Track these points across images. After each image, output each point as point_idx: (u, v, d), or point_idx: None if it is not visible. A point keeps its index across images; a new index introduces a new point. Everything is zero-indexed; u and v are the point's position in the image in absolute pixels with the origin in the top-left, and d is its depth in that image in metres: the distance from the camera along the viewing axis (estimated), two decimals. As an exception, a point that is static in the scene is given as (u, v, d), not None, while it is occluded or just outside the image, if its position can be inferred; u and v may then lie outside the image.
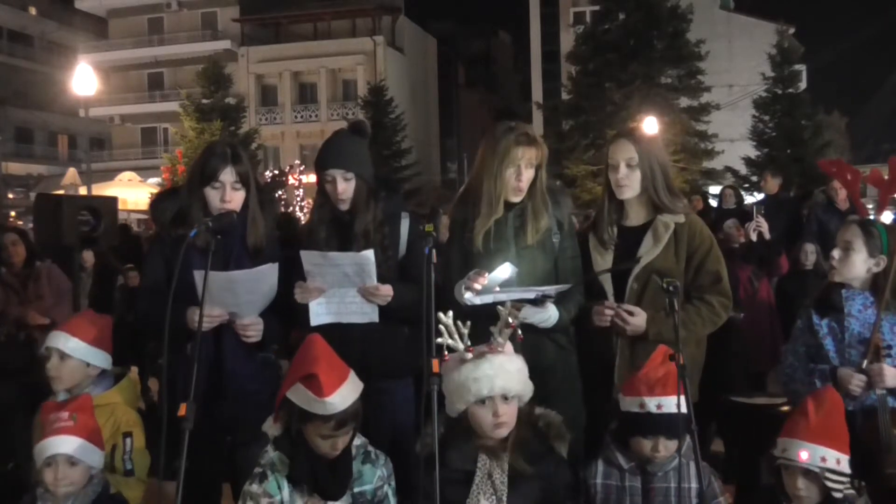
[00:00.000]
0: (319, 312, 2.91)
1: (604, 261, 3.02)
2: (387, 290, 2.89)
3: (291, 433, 2.48)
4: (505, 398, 2.48)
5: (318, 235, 3.00)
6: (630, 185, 2.97)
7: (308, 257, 2.86)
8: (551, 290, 2.82)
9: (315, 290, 2.89)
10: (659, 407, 2.50)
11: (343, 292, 2.91)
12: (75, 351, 2.93)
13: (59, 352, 2.93)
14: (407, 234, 3.08)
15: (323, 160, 3.02)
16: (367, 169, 3.04)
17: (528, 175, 2.93)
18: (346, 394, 2.42)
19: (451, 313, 2.50)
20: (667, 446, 2.52)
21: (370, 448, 2.60)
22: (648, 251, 2.92)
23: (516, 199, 2.96)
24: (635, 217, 3.05)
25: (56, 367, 2.93)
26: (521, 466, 2.48)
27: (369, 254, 2.85)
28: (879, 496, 2.63)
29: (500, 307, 2.57)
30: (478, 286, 2.76)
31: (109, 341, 3.07)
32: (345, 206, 3.02)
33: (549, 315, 2.86)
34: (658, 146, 3.07)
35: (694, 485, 2.49)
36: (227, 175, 2.89)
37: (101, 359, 3.01)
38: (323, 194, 3.06)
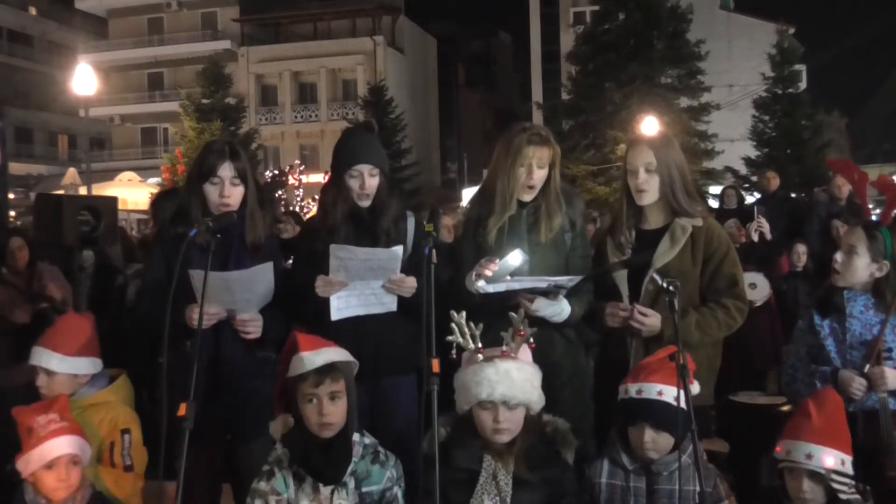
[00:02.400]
0: (341, 307, 2.93)
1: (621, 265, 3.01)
2: (412, 282, 2.92)
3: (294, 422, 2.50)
4: (507, 405, 2.48)
5: (338, 232, 2.99)
6: (649, 189, 2.97)
7: (336, 251, 2.85)
8: (564, 280, 2.83)
9: (338, 283, 2.89)
10: (639, 392, 2.53)
11: (363, 284, 2.93)
12: (61, 367, 2.92)
13: (46, 369, 2.92)
14: (413, 233, 3.09)
15: (349, 156, 3.02)
16: (387, 165, 3.09)
17: (539, 174, 2.97)
18: (325, 354, 2.48)
19: (464, 313, 2.51)
20: (654, 438, 2.51)
21: (380, 449, 2.58)
22: (665, 253, 2.92)
23: (528, 197, 2.99)
24: (654, 220, 3.04)
25: (47, 385, 2.92)
26: (525, 475, 2.48)
27: (398, 250, 2.88)
28: (881, 499, 2.62)
29: (512, 314, 2.57)
30: (488, 272, 2.78)
31: (95, 344, 3.04)
32: (367, 203, 3.02)
33: (561, 308, 2.88)
34: (676, 149, 3.05)
35: (696, 486, 2.45)
36: (226, 170, 2.90)
37: (88, 366, 2.99)
38: (340, 191, 3.04)
